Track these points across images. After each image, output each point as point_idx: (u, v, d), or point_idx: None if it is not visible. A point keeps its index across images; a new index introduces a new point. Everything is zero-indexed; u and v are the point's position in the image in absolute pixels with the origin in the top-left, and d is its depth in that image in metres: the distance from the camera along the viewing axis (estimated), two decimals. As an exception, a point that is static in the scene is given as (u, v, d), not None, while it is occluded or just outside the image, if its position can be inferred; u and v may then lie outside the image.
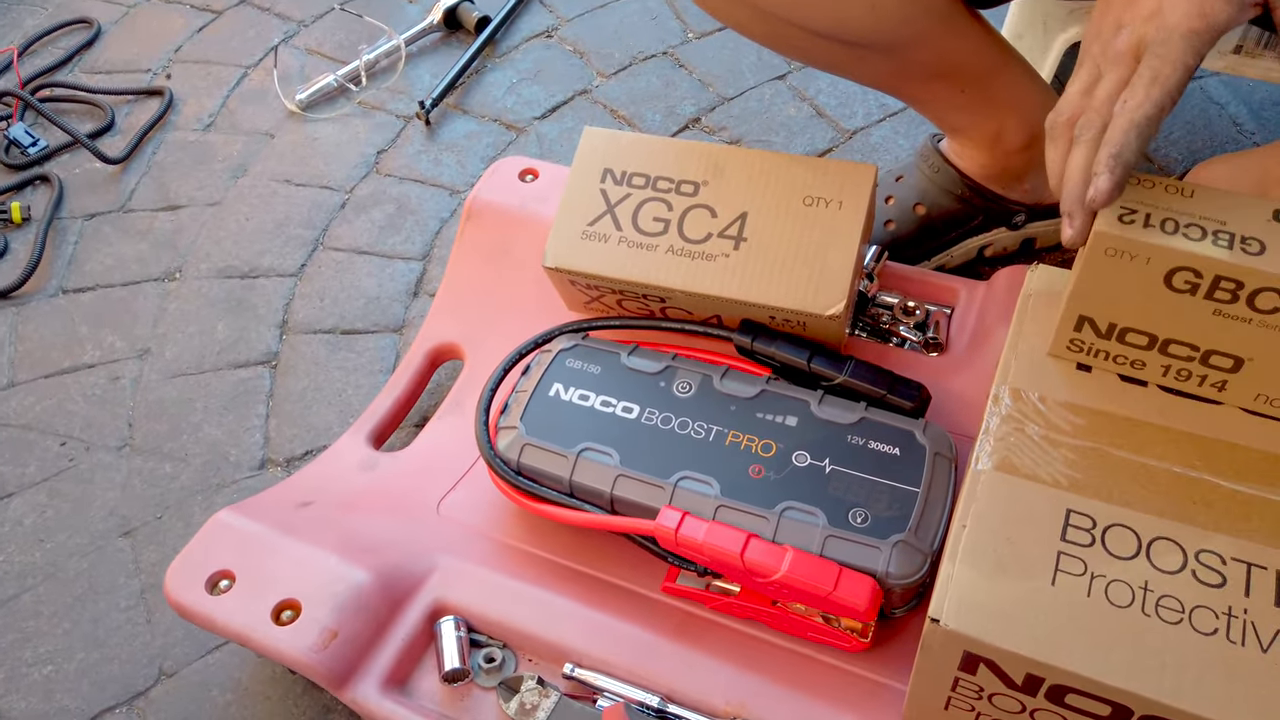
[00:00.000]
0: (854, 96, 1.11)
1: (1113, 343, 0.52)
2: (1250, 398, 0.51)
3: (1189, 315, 0.49)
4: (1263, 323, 0.48)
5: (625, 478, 0.64)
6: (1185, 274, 0.48)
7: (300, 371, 0.91)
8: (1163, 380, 0.53)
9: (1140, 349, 0.52)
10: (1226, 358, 0.50)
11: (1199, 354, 0.50)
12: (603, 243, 0.72)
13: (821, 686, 0.60)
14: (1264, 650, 0.44)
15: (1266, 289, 0.46)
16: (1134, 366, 0.53)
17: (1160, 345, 0.51)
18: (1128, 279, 0.49)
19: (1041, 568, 0.47)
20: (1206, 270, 0.47)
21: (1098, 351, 0.53)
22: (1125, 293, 0.50)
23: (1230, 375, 0.50)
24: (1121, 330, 0.52)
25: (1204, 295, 0.48)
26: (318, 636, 0.61)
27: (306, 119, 1.17)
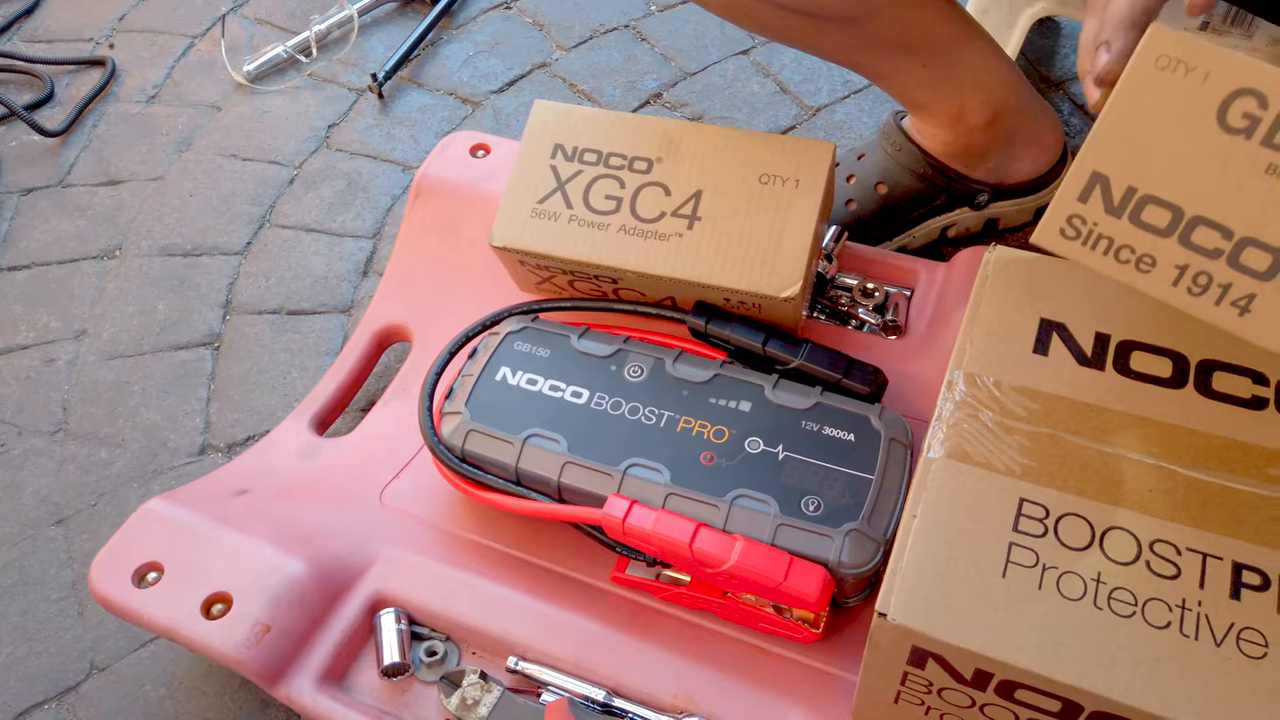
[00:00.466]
0: (818, 73, 1.08)
1: (1124, 222, 0.42)
2: (1278, 327, 0.41)
3: (1235, 173, 0.40)
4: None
5: (573, 465, 0.62)
6: (1247, 101, 0.39)
7: (244, 353, 0.88)
8: (1172, 290, 0.42)
9: (1156, 234, 0.42)
10: (1265, 252, 0.40)
11: (1230, 245, 0.41)
12: (552, 221, 0.70)
13: (772, 678, 0.59)
14: (1217, 644, 0.42)
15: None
16: (1140, 265, 0.43)
17: (1184, 228, 0.41)
18: (1173, 107, 0.40)
19: (992, 560, 0.45)
20: (1274, 92, 0.39)
21: (1099, 239, 0.43)
22: (1163, 132, 0.41)
23: (1262, 285, 0.40)
24: (1140, 200, 0.42)
25: (1261, 139, 0.39)
26: (249, 631, 0.59)
27: (255, 91, 1.13)
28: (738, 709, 0.57)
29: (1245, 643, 0.42)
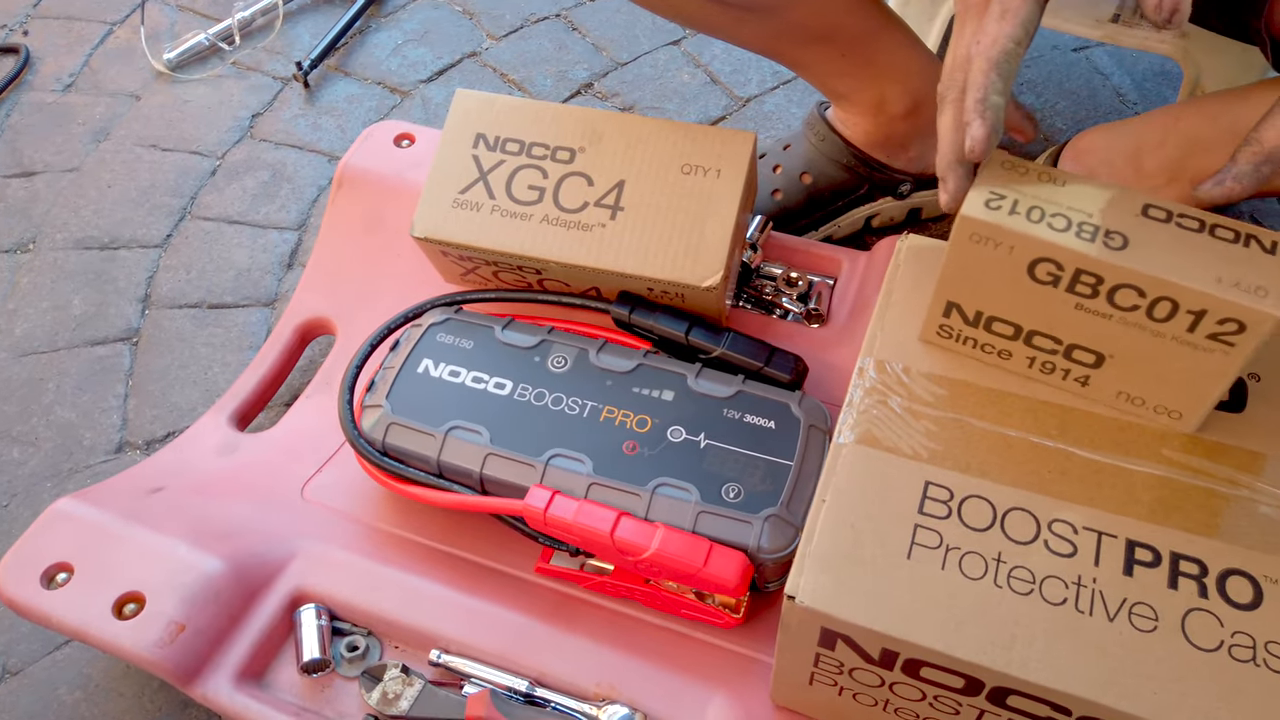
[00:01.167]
0: (748, 64, 1.09)
1: (980, 330, 0.51)
2: (1112, 395, 0.50)
3: (1051, 307, 0.47)
4: (1122, 320, 0.46)
5: (495, 456, 0.62)
6: (1047, 265, 0.46)
7: (163, 348, 0.86)
8: (1028, 371, 0.51)
9: (1006, 339, 0.50)
10: (1089, 353, 0.48)
11: (1062, 347, 0.49)
12: (474, 212, 0.69)
13: (694, 663, 0.59)
14: (1110, 619, 0.44)
15: (1125, 285, 0.45)
16: (1001, 356, 0.51)
17: (1025, 336, 0.50)
18: (992, 266, 0.48)
19: (898, 542, 0.46)
20: (1068, 263, 0.46)
21: (966, 339, 0.51)
22: (990, 280, 0.48)
23: (1092, 371, 0.49)
24: (988, 319, 0.50)
25: (1065, 288, 0.47)
26: (163, 630, 0.58)
27: (176, 80, 1.10)
28: (660, 695, 0.57)
29: (1137, 617, 0.44)
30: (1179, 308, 0.44)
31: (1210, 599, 0.44)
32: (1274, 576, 0.45)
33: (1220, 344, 0.45)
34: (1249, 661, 0.43)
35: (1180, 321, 0.45)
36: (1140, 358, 0.47)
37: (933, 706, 0.49)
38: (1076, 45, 1.08)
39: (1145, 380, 0.48)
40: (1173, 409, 0.49)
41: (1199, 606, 0.44)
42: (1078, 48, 1.08)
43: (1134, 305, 0.45)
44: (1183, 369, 0.46)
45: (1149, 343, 0.46)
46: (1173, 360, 0.46)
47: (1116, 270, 0.45)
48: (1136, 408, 0.50)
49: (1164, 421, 0.49)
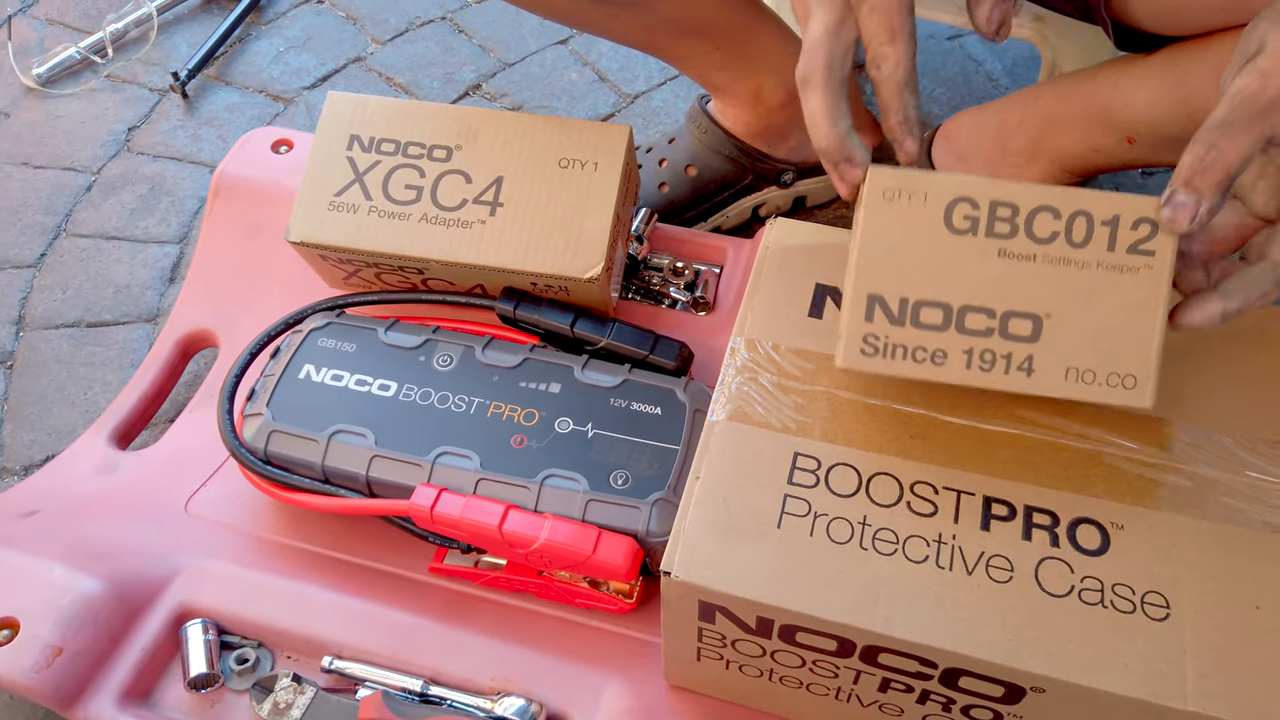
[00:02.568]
0: (635, 61, 1.10)
1: (908, 329, 0.47)
2: (1061, 376, 0.46)
3: (976, 264, 0.46)
4: (1046, 258, 0.45)
5: (381, 458, 0.62)
6: (964, 206, 0.46)
7: (39, 370, 0.83)
8: (967, 373, 0.47)
9: (937, 330, 0.47)
10: (1025, 319, 0.46)
11: (997, 320, 0.46)
12: (351, 214, 0.69)
13: (588, 650, 0.60)
14: (969, 573, 0.46)
15: (1041, 209, 0.45)
16: (935, 360, 0.47)
17: (957, 319, 0.47)
18: (909, 227, 0.46)
19: (768, 512, 0.48)
20: (982, 196, 0.46)
21: (894, 348, 0.47)
22: (909, 247, 0.47)
23: (1034, 347, 0.46)
24: (914, 306, 0.47)
25: (985, 232, 0.46)
26: (39, 655, 0.56)
27: (46, 95, 1.06)
28: (555, 683, 0.58)
29: (993, 569, 0.46)
30: (1094, 221, 0.45)
31: (1061, 547, 0.47)
32: (1120, 523, 0.47)
33: (1141, 256, 0.45)
34: (1097, 604, 0.45)
35: (1099, 240, 0.45)
36: (1075, 305, 0.46)
37: (813, 672, 0.50)
38: (950, 34, 1.12)
39: (1088, 341, 0.46)
40: (1125, 373, 0.46)
41: (1051, 555, 0.46)
42: (951, 36, 1.11)
43: (1053, 233, 0.45)
44: (1117, 306, 0.45)
45: (1078, 281, 0.45)
46: (1106, 297, 0.45)
47: (1028, 192, 0.45)
48: (1090, 386, 0.46)
49: (1122, 399, 0.46)
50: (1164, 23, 0.63)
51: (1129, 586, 0.45)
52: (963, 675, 0.45)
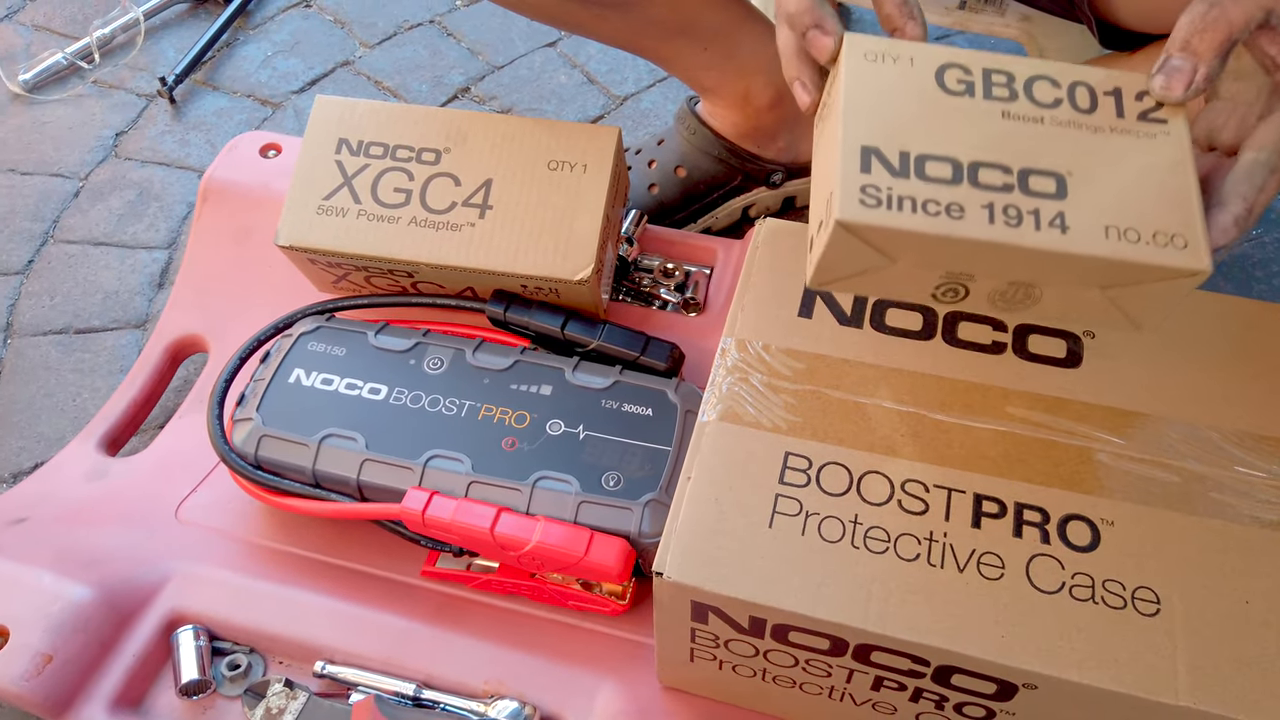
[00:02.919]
0: (624, 63, 1.10)
1: (914, 181, 0.40)
2: (1100, 231, 0.40)
3: (979, 122, 0.42)
4: (1055, 121, 0.42)
5: (372, 462, 0.61)
6: (955, 71, 0.43)
7: (28, 378, 0.83)
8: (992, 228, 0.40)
9: (948, 184, 0.40)
10: (1045, 177, 0.41)
11: (1014, 178, 0.41)
12: (340, 217, 0.69)
13: (582, 653, 0.60)
14: (960, 570, 0.46)
15: (1038, 77, 0.42)
16: (951, 213, 0.40)
17: (968, 174, 0.41)
18: (898, 85, 0.42)
19: (760, 511, 0.48)
20: (973, 63, 0.43)
21: (901, 199, 0.40)
22: (901, 103, 0.42)
23: (1063, 205, 0.40)
24: (917, 160, 0.41)
25: (982, 94, 0.42)
26: (29, 663, 0.55)
27: (33, 101, 1.06)
28: (549, 686, 0.58)
29: (985, 566, 0.46)
30: (1096, 91, 0.42)
31: (1052, 544, 0.47)
32: (1110, 519, 0.47)
33: (1154, 124, 0.42)
34: (1088, 600, 0.45)
35: (1105, 108, 0.42)
36: (1098, 165, 0.41)
37: (806, 671, 0.50)
38: (937, 34, 1.12)
39: (1121, 199, 0.41)
40: (1174, 232, 0.40)
41: (1042, 552, 0.46)
42: (937, 36, 1.12)
43: (1056, 99, 0.42)
44: (1141, 167, 0.41)
45: (1094, 142, 0.42)
46: (1126, 158, 0.41)
47: (1022, 63, 0.43)
48: (1136, 247, 0.40)
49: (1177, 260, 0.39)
50: (1146, 20, 0.63)
51: (1119, 582, 0.45)
52: (955, 673, 0.45)
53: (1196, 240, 0.40)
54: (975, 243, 0.40)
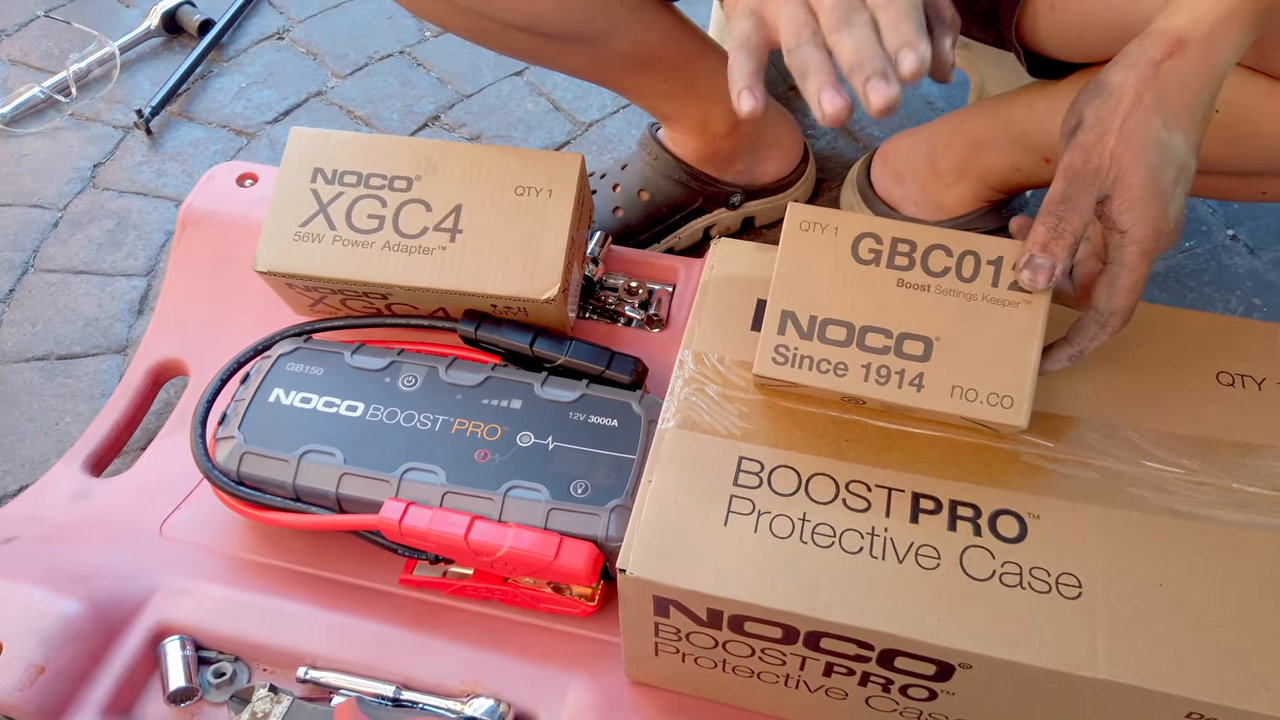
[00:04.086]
0: (589, 91, 1.14)
1: (815, 343, 0.53)
2: (947, 392, 0.51)
3: (878, 290, 0.53)
4: (938, 288, 0.52)
5: (350, 475, 0.64)
6: (869, 240, 0.53)
7: (11, 402, 0.85)
8: (864, 385, 0.52)
9: (840, 345, 0.53)
10: (918, 341, 0.52)
11: (893, 340, 0.52)
12: (316, 243, 0.72)
13: (554, 652, 0.63)
14: (900, 561, 0.50)
15: (935, 246, 0.53)
16: (837, 372, 0.52)
17: (858, 337, 0.52)
18: (822, 255, 0.54)
19: (715, 511, 0.51)
20: (885, 233, 0.53)
21: (802, 359, 0.53)
22: (821, 272, 0.53)
23: (924, 366, 0.52)
24: (822, 324, 0.53)
25: (886, 264, 0.53)
26: (22, 674, 0.58)
27: (10, 134, 1.08)
28: (523, 684, 0.61)
29: (922, 557, 0.50)
30: (980, 259, 0.52)
31: (983, 536, 0.51)
32: (1036, 513, 0.52)
33: (1021, 293, 0.52)
34: (1016, 586, 0.49)
35: (984, 276, 0.52)
36: (962, 331, 0.52)
37: (762, 660, 0.53)
38: (888, 60, 1.17)
39: (972, 363, 0.51)
40: (1003, 394, 0.51)
41: (974, 544, 0.50)
42: (889, 62, 1.17)
43: (945, 268, 0.53)
44: (999, 334, 0.51)
45: (965, 310, 0.52)
46: (988, 324, 0.52)
47: (926, 233, 0.53)
48: (972, 404, 0.51)
49: (999, 418, 0.51)
50: (1067, 49, 0.68)
51: (1045, 569, 0.49)
52: (898, 655, 0.49)
53: (1022, 402, 0.51)
54: (853, 394, 0.53)
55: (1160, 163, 0.47)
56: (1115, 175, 0.48)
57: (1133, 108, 0.47)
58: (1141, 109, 0.47)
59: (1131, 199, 0.47)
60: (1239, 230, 0.98)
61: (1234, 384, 0.57)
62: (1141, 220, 0.48)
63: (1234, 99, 0.61)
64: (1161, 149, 0.47)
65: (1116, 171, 0.47)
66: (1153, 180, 0.47)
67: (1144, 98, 0.47)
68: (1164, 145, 0.47)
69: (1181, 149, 0.48)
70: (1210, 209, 1.00)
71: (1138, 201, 0.47)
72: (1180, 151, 0.48)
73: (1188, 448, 0.54)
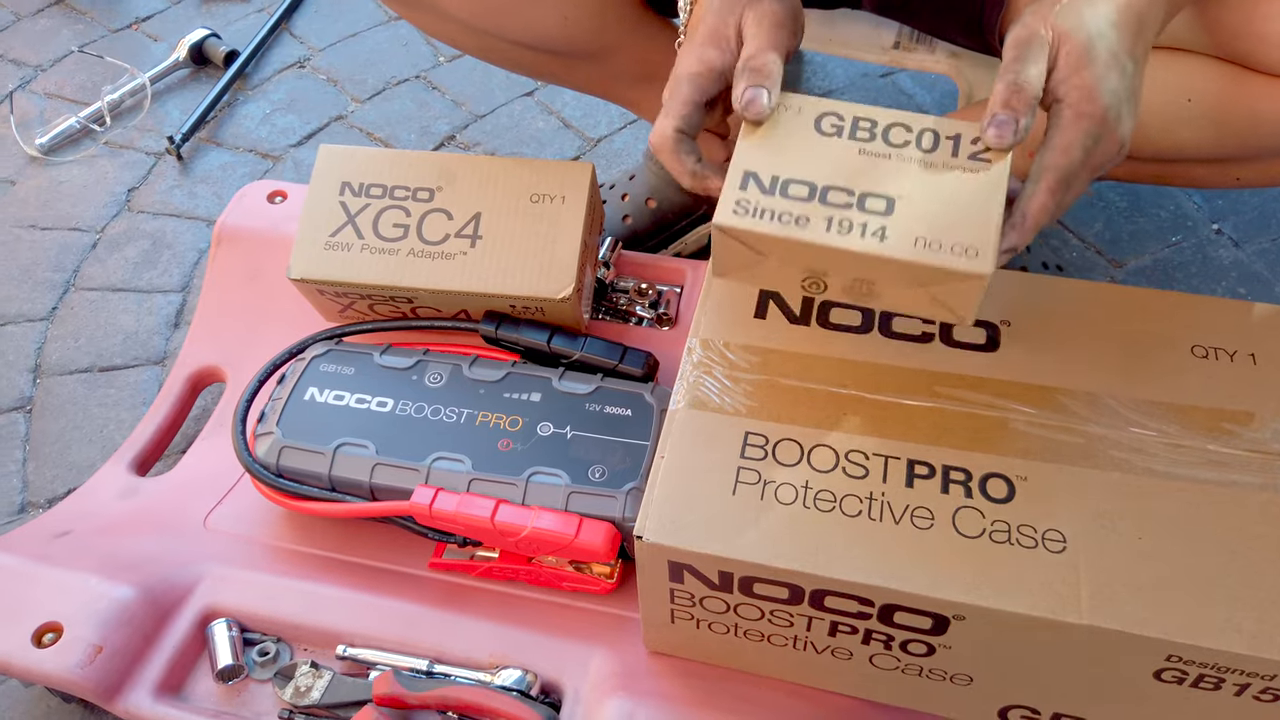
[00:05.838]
0: (597, 108, 1.19)
1: (776, 198, 0.52)
2: (911, 242, 0.51)
3: (841, 156, 0.53)
4: (899, 157, 0.53)
5: (382, 466, 0.69)
6: (831, 117, 0.55)
7: (57, 412, 0.90)
8: (826, 234, 0.51)
9: (802, 200, 0.52)
10: (880, 199, 0.52)
11: (854, 198, 0.52)
12: (346, 251, 0.77)
13: (575, 627, 0.67)
14: (896, 522, 0.54)
15: (896, 124, 0.54)
16: (798, 223, 0.52)
17: (820, 194, 0.52)
18: (784, 130, 0.54)
19: (724, 482, 0.55)
20: (846, 112, 0.55)
21: (762, 211, 0.52)
22: (785, 139, 0.54)
23: (887, 220, 0.51)
24: (784, 183, 0.53)
25: (848, 135, 0.54)
26: (83, 653, 0.62)
27: (50, 162, 1.14)
28: (547, 656, 0.65)
29: (917, 518, 0.54)
30: (940, 135, 0.53)
31: (974, 498, 0.54)
32: (1023, 475, 0.55)
33: (981, 162, 0.53)
34: (1005, 542, 0.53)
35: (945, 148, 0.53)
36: (925, 191, 0.52)
37: (771, 622, 0.57)
38: (883, 72, 1.22)
39: (936, 217, 0.51)
40: (968, 245, 0.50)
41: (966, 505, 0.54)
42: (884, 74, 1.22)
43: (905, 141, 0.54)
44: (962, 194, 0.52)
45: (927, 174, 0.52)
46: (950, 185, 0.52)
47: (886, 113, 0.54)
48: (936, 253, 0.50)
49: (964, 265, 0.50)
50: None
51: (1032, 527, 0.53)
52: (897, 610, 0.53)
53: (987, 252, 0.50)
54: (814, 245, 0.51)
55: (1093, 37, 0.51)
56: (1056, 46, 0.51)
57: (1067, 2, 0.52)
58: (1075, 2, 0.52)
59: (1066, 68, 0.51)
60: (1224, 224, 1.02)
61: (1208, 356, 0.61)
62: (1075, 86, 0.51)
63: (1202, 87, 0.66)
64: (1094, 29, 0.51)
65: (1056, 44, 0.51)
66: (1083, 50, 0.51)
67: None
68: (1096, 28, 0.51)
69: (1114, 41, 0.52)
70: (1196, 204, 1.04)
71: (1070, 69, 0.51)
72: (1112, 42, 0.52)
73: (1166, 414, 0.58)
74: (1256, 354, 0.60)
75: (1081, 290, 0.65)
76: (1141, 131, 0.68)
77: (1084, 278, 0.98)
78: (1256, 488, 0.54)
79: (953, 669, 0.56)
